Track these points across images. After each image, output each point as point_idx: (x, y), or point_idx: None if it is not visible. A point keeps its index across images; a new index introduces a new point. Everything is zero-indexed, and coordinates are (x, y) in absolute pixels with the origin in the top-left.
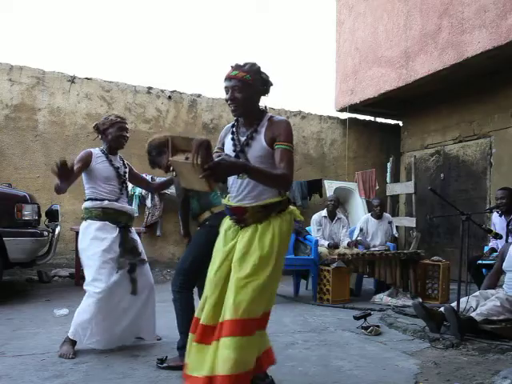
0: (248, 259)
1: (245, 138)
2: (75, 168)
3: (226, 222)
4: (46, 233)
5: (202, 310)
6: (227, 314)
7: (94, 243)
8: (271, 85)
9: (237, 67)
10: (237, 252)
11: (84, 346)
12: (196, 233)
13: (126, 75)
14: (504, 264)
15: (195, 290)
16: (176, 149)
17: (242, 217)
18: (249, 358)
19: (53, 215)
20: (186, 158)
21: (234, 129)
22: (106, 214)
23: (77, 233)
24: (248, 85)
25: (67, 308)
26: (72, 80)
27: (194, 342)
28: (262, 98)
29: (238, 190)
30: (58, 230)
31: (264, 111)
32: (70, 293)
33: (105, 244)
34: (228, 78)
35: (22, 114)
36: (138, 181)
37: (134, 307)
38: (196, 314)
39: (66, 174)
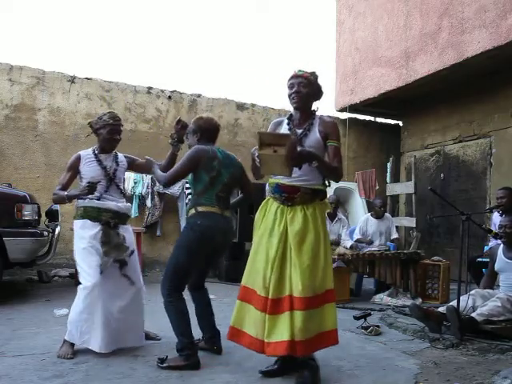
0: (305, 244)
1: (302, 130)
2: (67, 176)
3: (270, 205)
4: (46, 233)
5: (265, 288)
6: (296, 292)
7: (78, 241)
8: (322, 94)
9: (301, 70)
10: (293, 237)
11: (84, 346)
12: (181, 233)
13: (126, 75)
14: (496, 266)
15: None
16: (263, 143)
17: (293, 195)
18: (315, 326)
19: (53, 215)
20: (274, 151)
21: (289, 120)
22: (86, 212)
23: None
24: (310, 83)
25: (67, 308)
26: (72, 80)
27: (267, 315)
28: (314, 103)
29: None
30: (58, 230)
31: (315, 111)
32: (69, 293)
33: (84, 242)
34: (295, 76)
35: (22, 113)
36: (144, 169)
37: (121, 309)
38: (251, 286)
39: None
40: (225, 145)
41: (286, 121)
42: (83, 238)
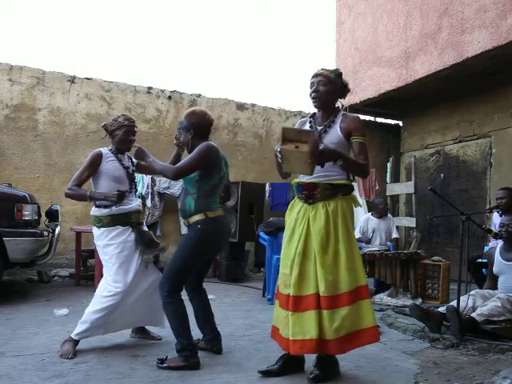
0: (327, 242)
1: (322, 127)
2: (86, 173)
3: (296, 205)
4: (46, 233)
5: (286, 285)
6: (322, 290)
7: (108, 248)
8: (348, 90)
9: (323, 68)
10: (316, 236)
11: (84, 346)
12: (185, 235)
13: (126, 75)
14: (494, 268)
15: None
16: (285, 139)
17: (312, 192)
18: (348, 324)
19: (53, 215)
20: (296, 147)
21: (311, 119)
22: (116, 220)
23: (77, 233)
24: (330, 81)
25: (67, 308)
26: (72, 80)
27: (289, 311)
28: (339, 100)
29: None
30: (58, 230)
31: (339, 109)
32: (70, 293)
33: (118, 248)
34: (315, 75)
35: (22, 113)
36: (145, 170)
37: (146, 294)
38: (281, 291)
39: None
40: (225, 145)
41: (308, 120)
42: (115, 244)
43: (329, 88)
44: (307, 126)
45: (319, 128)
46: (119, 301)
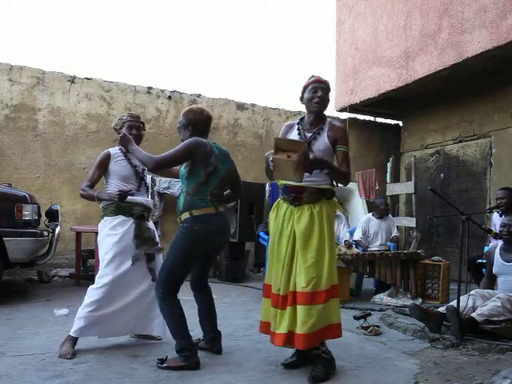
0: (311, 241)
1: (311, 133)
2: (96, 173)
3: (281, 206)
4: (46, 233)
5: (277, 285)
6: (300, 287)
7: (108, 238)
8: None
9: (320, 76)
10: (299, 235)
11: (84, 346)
12: (176, 236)
13: (126, 75)
14: (493, 269)
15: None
16: (278, 148)
17: (300, 195)
18: (320, 320)
19: (53, 215)
20: (288, 156)
21: (299, 126)
22: (119, 208)
23: (77, 233)
24: (329, 90)
25: (67, 308)
26: (72, 80)
27: (278, 309)
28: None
29: None
30: (58, 230)
31: (326, 116)
32: (70, 293)
33: (117, 237)
34: (320, 81)
35: (22, 113)
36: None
37: (145, 298)
38: (269, 282)
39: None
40: (225, 145)
41: (296, 126)
42: (115, 234)
43: (329, 97)
44: (295, 131)
45: (308, 135)
46: (108, 294)
